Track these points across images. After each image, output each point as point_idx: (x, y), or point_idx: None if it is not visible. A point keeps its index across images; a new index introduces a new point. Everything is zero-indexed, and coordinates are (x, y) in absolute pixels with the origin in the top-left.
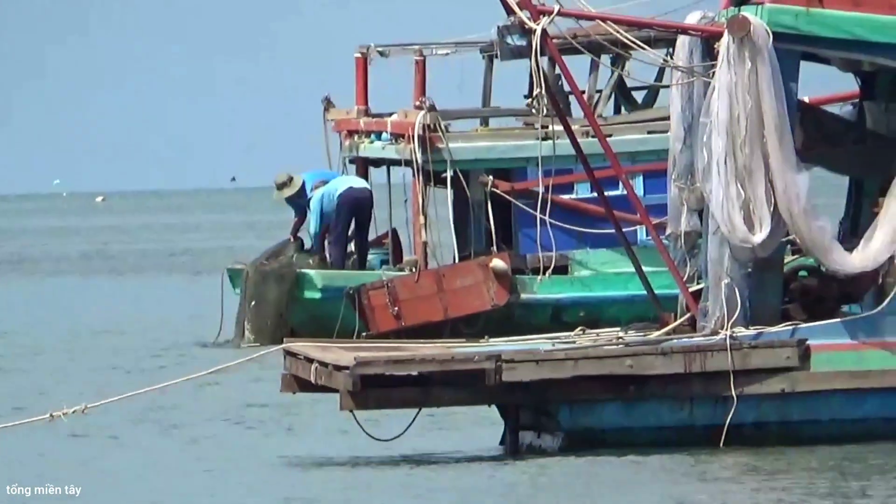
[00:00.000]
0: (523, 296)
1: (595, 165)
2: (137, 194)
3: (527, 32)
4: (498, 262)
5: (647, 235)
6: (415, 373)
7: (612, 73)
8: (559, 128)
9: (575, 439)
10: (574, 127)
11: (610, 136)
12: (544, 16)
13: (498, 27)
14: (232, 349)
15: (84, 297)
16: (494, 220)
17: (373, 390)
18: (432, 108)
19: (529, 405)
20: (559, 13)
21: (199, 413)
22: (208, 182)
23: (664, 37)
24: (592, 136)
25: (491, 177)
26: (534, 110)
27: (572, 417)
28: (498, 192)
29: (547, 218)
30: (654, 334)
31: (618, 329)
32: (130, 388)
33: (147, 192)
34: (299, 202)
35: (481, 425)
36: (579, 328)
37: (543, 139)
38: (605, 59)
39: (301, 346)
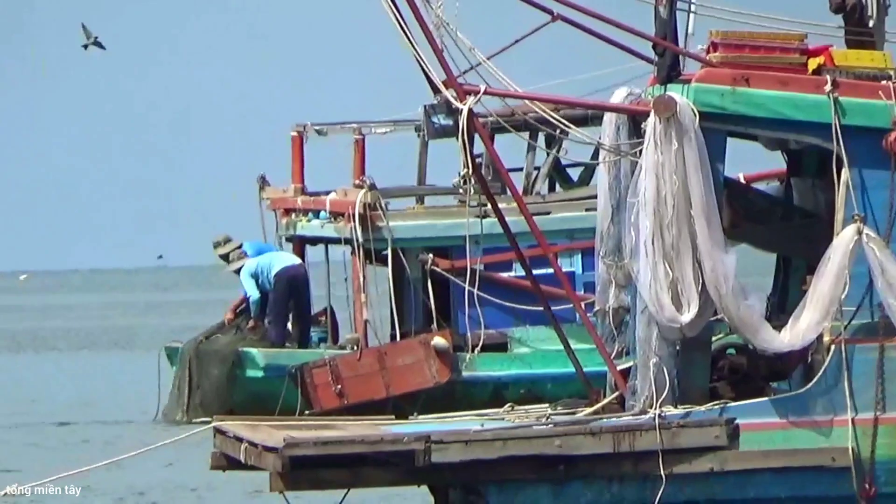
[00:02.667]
0: (464, 373)
1: (530, 244)
2: (62, 273)
3: (453, 112)
4: (439, 340)
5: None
6: (345, 453)
7: (549, 152)
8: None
9: None
10: (513, 205)
11: (548, 213)
12: (471, 95)
13: (424, 107)
14: (168, 427)
15: (10, 375)
16: (433, 297)
17: (302, 471)
18: (373, 187)
19: (459, 485)
20: (486, 92)
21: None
22: (135, 260)
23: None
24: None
25: (431, 255)
26: (461, 190)
27: (502, 497)
28: (438, 269)
29: (477, 292)
30: (583, 413)
31: (546, 406)
32: (62, 470)
33: (71, 271)
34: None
35: (411, 502)
36: (508, 405)
37: (480, 217)
38: (540, 141)
39: (231, 424)
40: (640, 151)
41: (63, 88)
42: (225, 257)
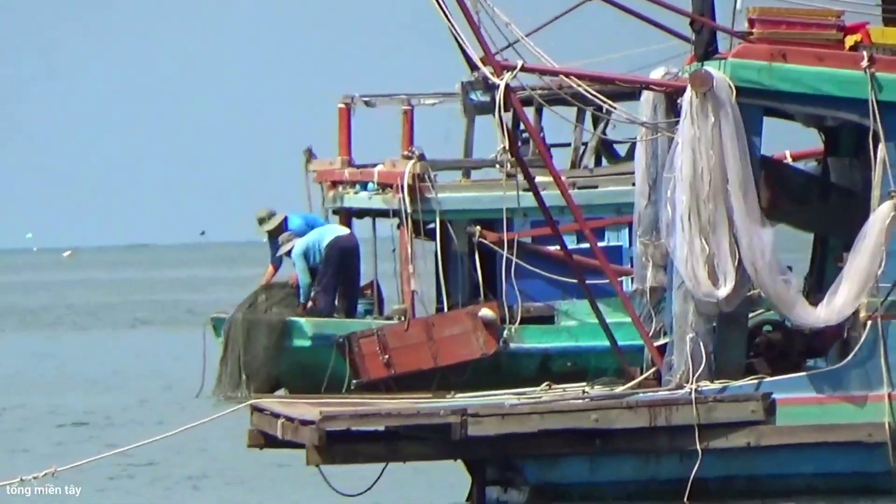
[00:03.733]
0: (511, 345)
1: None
2: (107, 249)
3: (490, 88)
4: (486, 312)
5: (631, 285)
6: (381, 427)
7: (596, 125)
8: (544, 178)
9: (541, 494)
10: (561, 178)
11: (595, 187)
12: (507, 71)
13: (462, 83)
14: (214, 401)
15: (52, 352)
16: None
17: (339, 445)
18: (422, 158)
19: (495, 460)
20: (522, 68)
21: (177, 469)
22: (178, 236)
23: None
24: (578, 188)
25: (478, 227)
26: (498, 166)
27: (538, 472)
28: (486, 242)
29: (525, 264)
30: (620, 388)
31: (583, 384)
32: (107, 446)
33: (117, 247)
34: (277, 240)
35: (449, 480)
36: (545, 384)
37: (518, 190)
38: (587, 118)
39: (267, 401)
40: (677, 128)
41: (107, 65)
42: (271, 234)
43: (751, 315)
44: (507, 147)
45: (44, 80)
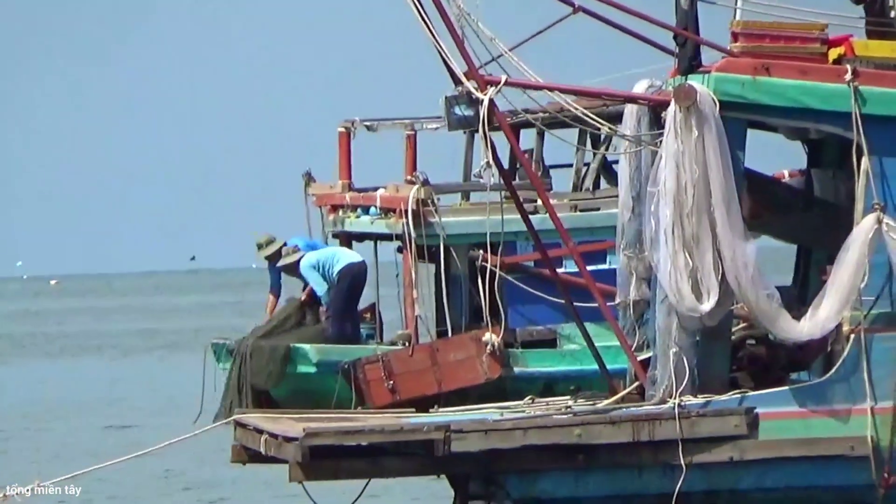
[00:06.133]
0: (515, 369)
1: (581, 239)
2: (92, 276)
3: (474, 103)
4: (490, 336)
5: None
6: (364, 443)
7: (599, 146)
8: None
9: None
10: (563, 201)
11: (597, 209)
12: (492, 86)
13: (445, 97)
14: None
15: (45, 379)
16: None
17: (322, 461)
18: (426, 183)
19: (479, 475)
20: (507, 83)
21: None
22: (167, 263)
23: None
24: (580, 211)
25: (481, 251)
26: (481, 180)
27: (521, 487)
28: (488, 265)
29: (527, 288)
30: (603, 403)
31: (567, 398)
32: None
33: (102, 275)
34: (274, 265)
35: (432, 494)
36: (528, 397)
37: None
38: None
39: (251, 417)
40: (661, 141)
41: (97, 88)
42: (269, 259)
43: (734, 328)
44: (490, 161)
45: (35, 105)
